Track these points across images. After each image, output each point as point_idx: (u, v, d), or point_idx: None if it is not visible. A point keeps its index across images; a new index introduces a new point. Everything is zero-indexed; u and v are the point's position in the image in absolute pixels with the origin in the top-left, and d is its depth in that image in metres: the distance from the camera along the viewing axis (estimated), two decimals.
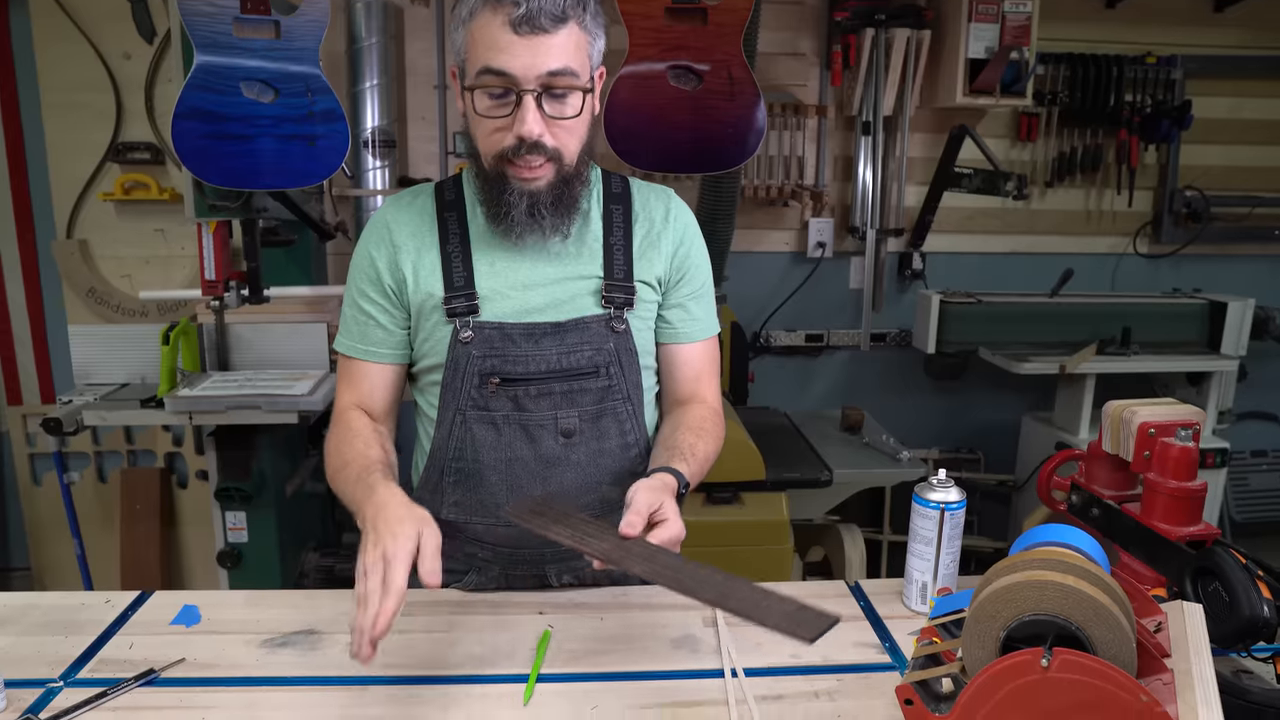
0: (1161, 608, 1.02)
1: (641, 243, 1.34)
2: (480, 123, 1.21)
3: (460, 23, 1.19)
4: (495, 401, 1.29)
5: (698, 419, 1.35)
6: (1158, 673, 0.91)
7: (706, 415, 1.37)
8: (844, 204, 3.45)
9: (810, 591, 1.36)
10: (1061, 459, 1.49)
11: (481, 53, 1.16)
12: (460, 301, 1.28)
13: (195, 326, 2.58)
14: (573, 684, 1.11)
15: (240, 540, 2.59)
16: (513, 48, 1.14)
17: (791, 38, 3.28)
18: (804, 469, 2.53)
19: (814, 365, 3.61)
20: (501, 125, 1.19)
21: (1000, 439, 3.64)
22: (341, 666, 1.15)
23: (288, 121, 2.01)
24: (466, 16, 1.18)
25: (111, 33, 3.10)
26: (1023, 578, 0.88)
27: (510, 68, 1.15)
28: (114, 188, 3.18)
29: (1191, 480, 1.23)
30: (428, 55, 3.15)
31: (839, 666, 1.15)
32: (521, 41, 1.14)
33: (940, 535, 1.26)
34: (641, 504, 1.09)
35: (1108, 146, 3.46)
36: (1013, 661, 0.86)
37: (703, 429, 1.34)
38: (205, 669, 1.15)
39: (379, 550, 1.00)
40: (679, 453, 1.26)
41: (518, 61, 1.14)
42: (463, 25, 1.19)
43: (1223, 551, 1.15)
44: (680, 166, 2.00)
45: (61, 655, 1.17)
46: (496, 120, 1.19)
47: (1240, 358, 3.27)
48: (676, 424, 1.35)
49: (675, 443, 1.29)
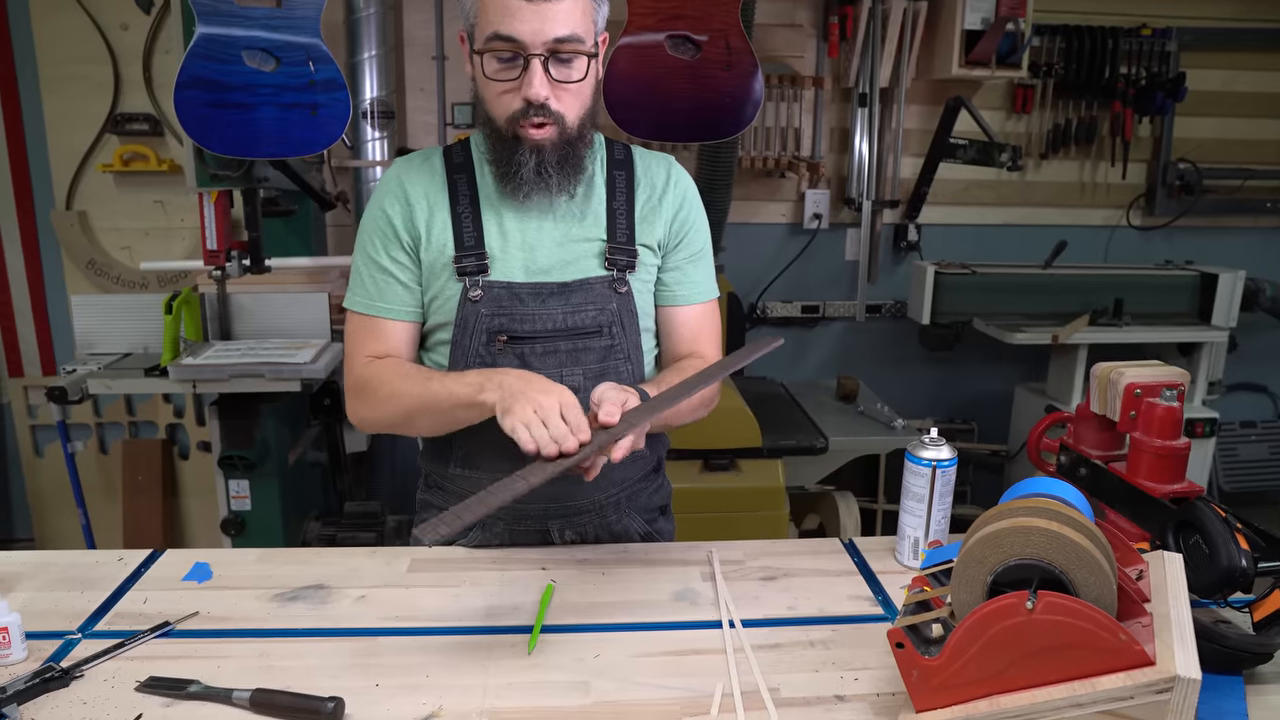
0: (1144, 557, 1.06)
1: (643, 207, 1.38)
2: (489, 85, 1.25)
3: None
4: (502, 359, 1.32)
5: (686, 363, 1.39)
6: (1138, 616, 0.95)
7: (696, 363, 1.39)
8: (840, 175, 3.47)
9: (806, 549, 1.40)
10: (1051, 421, 1.52)
11: (492, 17, 1.20)
12: (470, 261, 1.31)
13: (198, 296, 2.60)
14: (576, 634, 1.15)
15: (243, 508, 2.63)
16: (521, 13, 1.18)
17: (789, 9, 3.28)
18: (800, 436, 2.57)
19: (810, 336, 3.64)
20: (509, 88, 1.24)
21: (994, 409, 3.68)
22: (352, 619, 1.19)
23: (289, 90, 2.02)
24: None
25: (109, 4, 3.10)
26: (1009, 524, 0.92)
27: (519, 33, 1.19)
28: (113, 159, 3.19)
29: (1176, 439, 1.26)
30: (426, 26, 3.15)
31: (834, 618, 1.19)
32: (530, 8, 1.18)
33: (932, 492, 1.30)
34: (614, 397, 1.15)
35: (1102, 119, 3.48)
36: (999, 604, 0.90)
37: (684, 369, 1.36)
38: (219, 621, 1.18)
39: (551, 399, 1.12)
40: (654, 381, 1.32)
41: (526, 27, 1.19)
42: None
43: (1203, 506, 1.18)
44: (678, 135, 2.02)
45: (78, 609, 1.20)
46: (504, 84, 1.24)
47: (1231, 329, 3.31)
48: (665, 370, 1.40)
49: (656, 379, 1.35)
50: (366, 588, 1.27)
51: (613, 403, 1.14)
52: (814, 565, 1.34)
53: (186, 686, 1.03)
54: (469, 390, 1.20)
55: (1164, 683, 0.84)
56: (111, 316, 2.68)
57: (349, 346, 1.38)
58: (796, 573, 1.31)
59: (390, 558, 1.36)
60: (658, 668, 1.07)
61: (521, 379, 1.17)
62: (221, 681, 1.03)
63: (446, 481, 1.42)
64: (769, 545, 1.40)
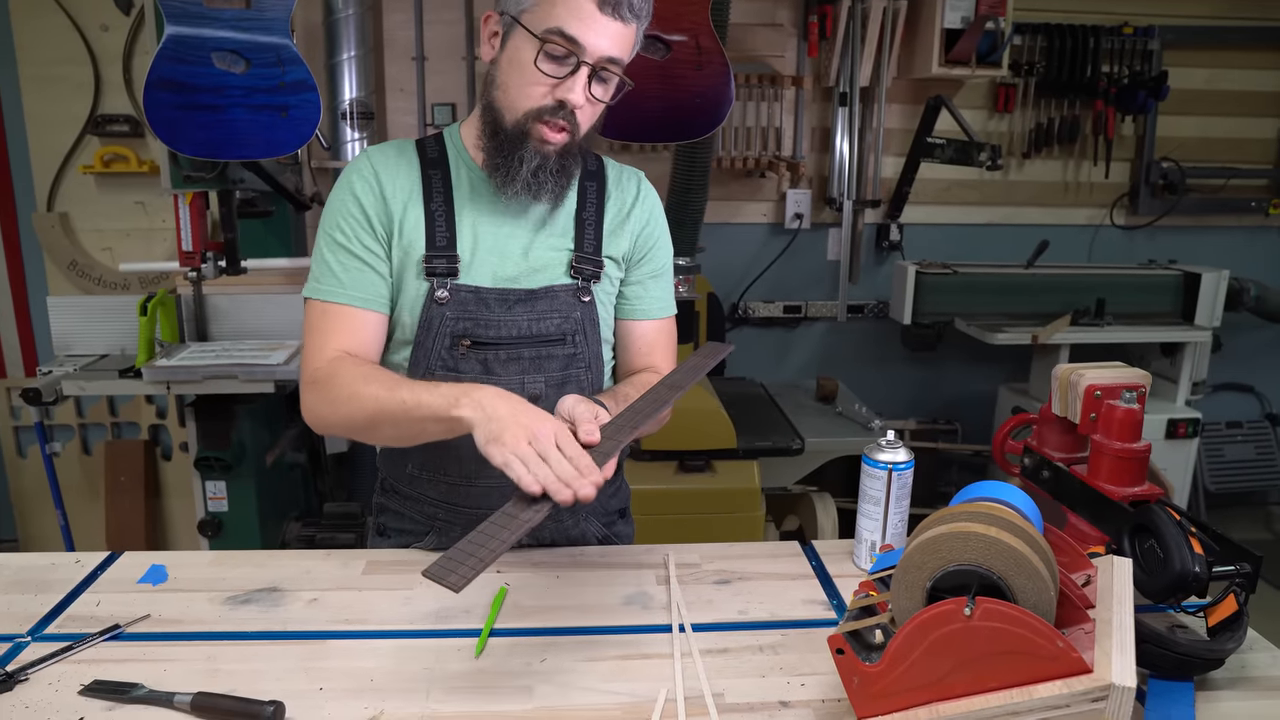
0: (1093, 563, 1.06)
1: (612, 220, 1.39)
2: (523, 73, 1.22)
3: None
4: (464, 364, 1.31)
5: (640, 377, 1.39)
6: (1080, 622, 0.95)
7: (650, 377, 1.38)
8: (821, 175, 3.46)
9: (765, 551, 1.40)
10: (1016, 423, 1.52)
11: (560, 13, 1.18)
12: (441, 262, 1.29)
13: (173, 297, 2.60)
14: (525, 638, 1.14)
15: (220, 509, 2.63)
16: (593, 21, 1.18)
17: (769, 8, 3.28)
18: (776, 438, 2.56)
19: (792, 336, 3.64)
20: (547, 84, 1.22)
21: (976, 410, 3.68)
22: (302, 622, 1.18)
23: (259, 92, 2.02)
24: None
25: (89, 5, 3.10)
26: (948, 529, 0.91)
27: (585, 40, 1.18)
28: (94, 160, 3.18)
29: (1135, 441, 1.26)
30: (406, 27, 3.14)
31: (785, 622, 1.19)
32: (602, 20, 1.18)
33: (888, 495, 1.30)
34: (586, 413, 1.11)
35: (1085, 118, 3.48)
36: (938, 611, 0.89)
37: (640, 383, 1.35)
38: (169, 624, 1.18)
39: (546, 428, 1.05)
40: (610, 393, 1.31)
41: (593, 36, 1.18)
42: None
43: (1158, 509, 1.18)
44: (649, 136, 2.01)
45: (30, 612, 1.20)
46: (542, 78, 1.21)
47: (1215, 329, 3.30)
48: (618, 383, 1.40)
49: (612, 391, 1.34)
50: (319, 590, 1.26)
51: (587, 419, 1.09)
52: (770, 569, 1.33)
53: (130, 690, 1.03)
54: (443, 403, 1.11)
55: (1099, 690, 0.84)
56: (88, 318, 2.67)
57: (310, 339, 1.29)
58: (752, 576, 1.31)
59: (346, 559, 1.35)
60: (604, 672, 1.07)
61: (505, 402, 1.09)
62: (167, 685, 1.03)
63: (403, 484, 1.42)
64: (727, 548, 1.39)
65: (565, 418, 1.11)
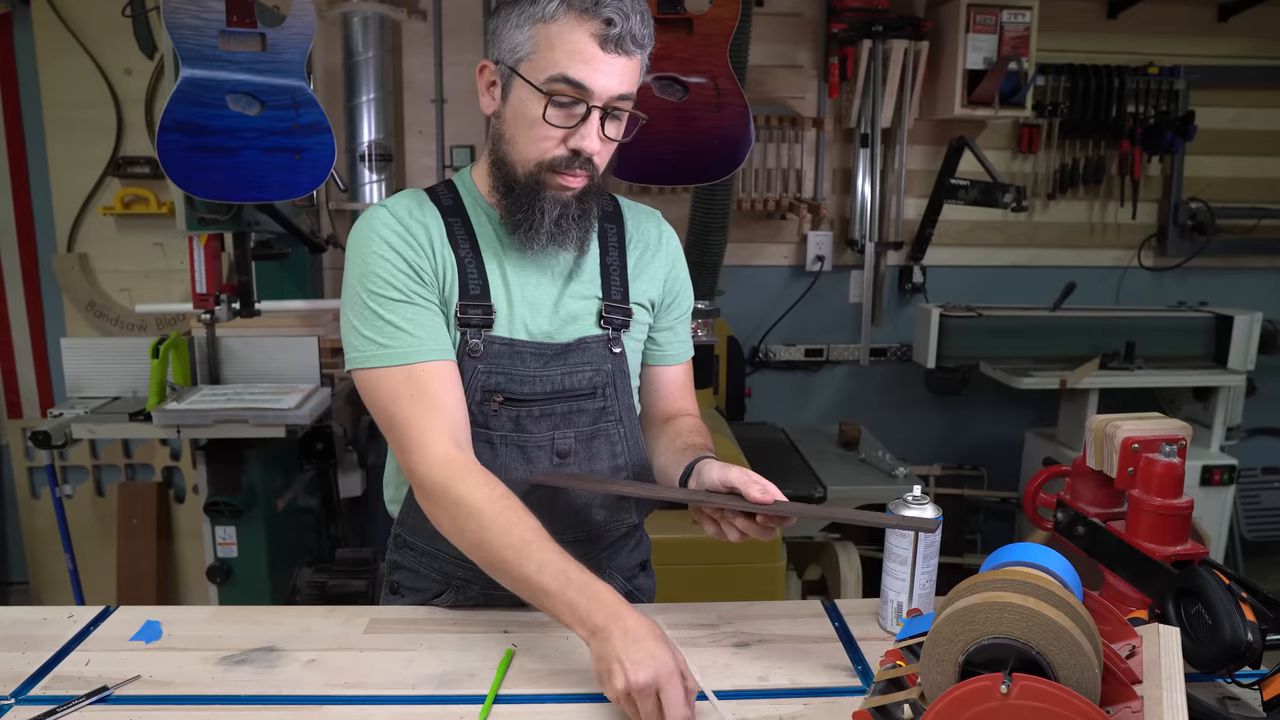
0: (1136, 631, 0.99)
1: (636, 264, 1.34)
2: (530, 126, 1.17)
3: (528, 19, 1.14)
4: (495, 421, 1.25)
5: (694, 425, 1.38)
6: (1127, 700, 0.88)
7: (699, 424, 1.40)
8: (843, 217, 3.42)
9: (785, 611, 1.33)
10: (1047, 475, 1.45)
11: (562, 59, 1.12)
12: (476, 313, 1.23)
13: (186, 339, 2.57)
14: (531, 705, 1.08)
15: (230, 555, 2.58)
16: (597, 63, 1.12)
17: (789, 50, 3.27)
18: (797, 485, 2.49)
19: (813, 380, 3.58)
20: (558, 135, 1.17)
21: (1003, 455, 3.59)
22: (298, 685, 1.12)
23: (273, 134, 2.00)
24: (542, 15, 1.13)
25: (113, 48, 3.13)
26: (982, 599, 0.85)
27: (592, 83, 1.13)
28: (114, 202, 3.20)
29: (1177, 497, 1.19)
30: (425, 70, 3.15)
31: (807, 690, 1.12)
32: (606, 60, 1.13)
33: (915, 554, 1.23)
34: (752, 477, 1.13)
35: (1110, 158, 3.42)
36: (971, 687, 0.83)
37: (702, 429, 1.38)
38: (160, 686, 1.12)
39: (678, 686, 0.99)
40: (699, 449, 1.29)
41: (600, 78, 1.13)
42: (533, 22, 1.14)
43: (1205, 572, 1.11)
44: (667, 178, 1.98)
45: (16, 672, 1.15)
46: (555, 131, 1.16)
47: (1248, 372, 3.21)
48: (678, 433, 1.36)
49: (690, 443, 1.31)
50: (318, 650, 1.20)
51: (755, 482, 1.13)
52: (791, 630, 1.26)
53: None
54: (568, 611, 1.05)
55: None
56: (102, 359, 2.65)
57: (401, 429, 1.17)
58: (772, 639, 1.24)
59: (349, 617, 1.30)
60: None
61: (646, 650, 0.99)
62: None
63: (422, 540, 1.35)
64: (745, 608, 1.33)
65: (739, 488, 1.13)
